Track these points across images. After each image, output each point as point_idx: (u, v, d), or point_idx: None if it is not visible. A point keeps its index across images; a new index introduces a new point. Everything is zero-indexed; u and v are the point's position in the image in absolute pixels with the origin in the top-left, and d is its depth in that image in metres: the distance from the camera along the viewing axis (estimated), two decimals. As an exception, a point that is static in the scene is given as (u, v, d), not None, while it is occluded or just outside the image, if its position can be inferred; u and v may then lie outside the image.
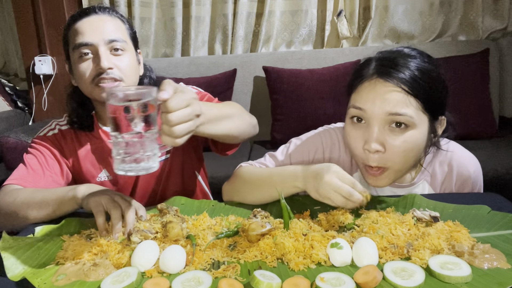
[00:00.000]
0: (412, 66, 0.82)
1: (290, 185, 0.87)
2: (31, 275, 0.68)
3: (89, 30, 1.03)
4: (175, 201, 0.98)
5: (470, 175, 0.96)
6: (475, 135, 2.19)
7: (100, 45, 1.03)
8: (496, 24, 2.49)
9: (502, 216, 0.82)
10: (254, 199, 0.94)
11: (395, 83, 0.81)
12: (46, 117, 2.60)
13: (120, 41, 1.05)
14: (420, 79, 0.82)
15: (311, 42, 2.66)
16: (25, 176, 1.06)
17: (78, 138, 1.15)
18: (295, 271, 0.68)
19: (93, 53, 1.04)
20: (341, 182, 0.78)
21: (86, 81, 1.04)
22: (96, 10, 1.06)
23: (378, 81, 0.82)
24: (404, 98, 0.81)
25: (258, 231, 0.73)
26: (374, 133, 0.82)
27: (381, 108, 0.81)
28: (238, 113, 0.99)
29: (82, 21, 1.04)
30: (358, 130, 0.86)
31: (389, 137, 0.82)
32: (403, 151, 0.82)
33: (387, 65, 0.83)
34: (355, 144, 0.87)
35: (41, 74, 2.54)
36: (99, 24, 1.04)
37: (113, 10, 1.10)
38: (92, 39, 1.03)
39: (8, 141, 2.01)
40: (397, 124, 0.81)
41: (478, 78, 2.26)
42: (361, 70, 0.87)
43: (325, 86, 2.27)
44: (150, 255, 0.70)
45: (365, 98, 0.83)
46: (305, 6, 2.57)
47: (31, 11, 2.50)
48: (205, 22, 2.63)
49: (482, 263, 0.65)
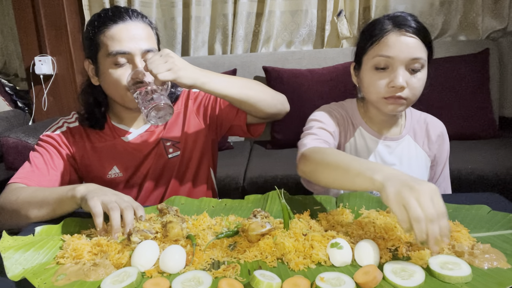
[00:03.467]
0: (416, 21, 1.00)
1: (366, 177, 0.75)
2: (31, 275, 0.68)
3: (127, 39, 1.02)
4: (175, 201, 0.98)
5: (442, 129, 1.17)
6: (475, 135, 2.19)
7: (137, 55, 1.03)
8: (496, 24, 2.49)
9: (502, 216, 0.82)
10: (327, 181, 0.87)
11: (413, 32, 0.97)
12: (46, 117, 2.60)
13: (153, 51, 1.06)
14: (425, 31, 1.00)
15: (311, 42, 2.66)
16: (30, 174, 1.06)
17: (87, 135, 1.15)
18: (295, 271, 0.68)
19: (129, 61, 1.04)
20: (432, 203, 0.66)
21: (120, 89, 1.05)
22: (131, 16, 1.05)
23: (401, 32, 0.98)
24: (420, 45, 0.98)
25: (258, 231, 0.73)
26: (400, 74, 0.97)
27: (406, 54, 0.96)
28: (256, 84, 1.12)
29: (118, 27, 1.03)
30: (382, 74, 1.00)
31: (410, 77, 0.98)
32: (419, 86, 1.00)
33: (401, 21, 0.99)
34: (379, 84, 1.00)
35: (41, 74, 2.54)
36: (136, 33, 1.04)
37: (144, 17, 1.09)
38: (129, 48, 1.02)
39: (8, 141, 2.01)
40: (415, 68, 0.98)
41: (478, 78, 2.26)
42: (375, 29, 1.02)
43: (325, 86, 2.27)
44: (150, 255, 0.70)
45: (392, 46, 0.97)
46: (305, 6, 2.57)
47: (31, 11, 2.50)
48: (205, 22, 2.63)
49: (482, 263, 0.65)
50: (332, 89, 2.26)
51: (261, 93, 1.10)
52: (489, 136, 2.22)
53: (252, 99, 1.07)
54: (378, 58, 0.99)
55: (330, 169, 0.85)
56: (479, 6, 2.46)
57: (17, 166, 1.11)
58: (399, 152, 1.12)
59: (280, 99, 1.16)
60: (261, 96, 1.09)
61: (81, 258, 0.73)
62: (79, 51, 2.62)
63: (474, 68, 2.26)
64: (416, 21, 0.99)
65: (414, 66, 0.97)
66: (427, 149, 1.15)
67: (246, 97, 1.06)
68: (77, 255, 0.73)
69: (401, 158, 1.12)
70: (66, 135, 1.14)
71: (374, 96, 1.03)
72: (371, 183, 0.72)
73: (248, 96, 1.06)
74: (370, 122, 1.12)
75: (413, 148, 1.13)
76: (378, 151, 1.11)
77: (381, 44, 0.99)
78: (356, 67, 1.09)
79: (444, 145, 1.17)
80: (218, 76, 1.04)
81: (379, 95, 1.01)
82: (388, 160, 1.11)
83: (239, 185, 1.90)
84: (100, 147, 1.15)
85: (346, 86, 2.32)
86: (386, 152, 1.11)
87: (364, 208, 0.89)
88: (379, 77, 1.00)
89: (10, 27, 2.92)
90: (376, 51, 1.00)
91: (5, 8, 2.91)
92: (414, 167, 1.13)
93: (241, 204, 0.96)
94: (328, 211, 0.89)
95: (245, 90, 1.06)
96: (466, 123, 2.17)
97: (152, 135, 1.17)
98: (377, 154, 1.11)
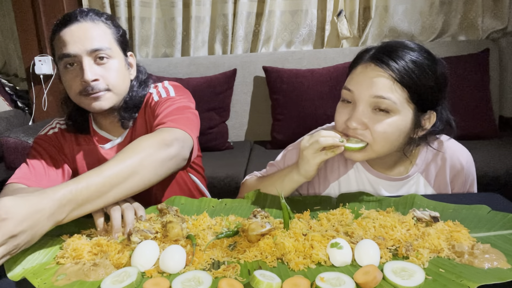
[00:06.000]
0: (407, 57, 0.86)
1: (289, 178, 0.96)
2: (31, 275, 0.68)
3: (72, 41, 1.00)
4: (175, 201, 0.98)
5: (462, 166, 1.01)
6: (475, 135, 2.19)
7: (84, 56, 1.00)
8: (496, 24, 2.49)
9: (502, 216, 0.82)
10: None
11: (385, 69, 0.85)
12: (46, 117, 2.60)
13: (104, 49, 1.02)
14: (411, 71, 0.85)
15: (311, 42, 2.66)
16: (28, 175, 1.06)
17: (76, 139, 1.16)
18: (295, 271, 0.68)
19: (78, 63, 1.01)
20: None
21: (73, 94, 1.04)
22: (78, 18, 1.02)
23: (370, 66, 0.88)
24: (390, 84, 0.85)
25: (258, 231, 0.73)
26: (357, 112, 0.88)
27: (367, 91, 0.87)
28: (128, 170, 0.80)
29: (65, 30, 1.01)
30: (345, 108, 0.92)
31: (371, 119, 0.87)
32: (383, 132, 0.87)
33: (384, 53, 0.87)
34: (339, 118, 0.93)
35: (41, 74, 2.54)
36: (81, 34, 1.01)
37: (96, 14, 1.05)
38: (74, 50, 1.00)
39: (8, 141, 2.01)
40: (380, 108, 0.86)
41: (478, 78, 2.26)
42: (360, 56, 0.93)
43: (325, 86, 2.27)
44: (150, 255, 0.70)
45: (355, 80, 0.89)
46: (305, 6, 2.57)
47: (31, 11, 2.50)
48: (205, 22, 2.63)
49: (482, 263, 0.65)
50: (332, 89, 2.26)
51: (138, 181, 0.83)
52: (489, 136, 2.22)
53: (136, 189, 0.84)
54: (343, 90, 0.92)
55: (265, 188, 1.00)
56: (479, 6, 2.46)
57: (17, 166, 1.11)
58: (404, 192, 1.01)
59: (163, 157, 0.87)
60: (142, 182, 0.84)
61: (81, 258, 0.73)
62: (79, 51, 2.62)
63: (474, 68, 2.26)
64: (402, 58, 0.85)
65: (380, 106, 0.85)
66: (439, 190, 1.02)
67: (126, 193, 0.82)
68: (77, 255, 0.73)
69: None
70: (58, 135, 1.15)
71: (336, 125, 0.95)
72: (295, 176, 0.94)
73: (127, 191, 0.82)
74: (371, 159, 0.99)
75: (422, 187, 1.01)
76: (378, 190, 1.02)
77: (350, 75, 0.92)
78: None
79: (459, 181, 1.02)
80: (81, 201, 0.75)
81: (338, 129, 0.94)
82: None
83: (239, 185, 1.89)
84: (86, 151, 1.15)
85: (346, 86, 2.33)
86: (388, 191, 1.01)
87: (364, 208, 0.89)
88: (342, 108, 0.93)
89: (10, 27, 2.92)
90: (346, 82, 0.92)
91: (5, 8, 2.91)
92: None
93: (241, 204, 0.96)
94: (328, 211, 0.89)
95: (120, 190, 0.80)
96: (466, 123, 2.17)
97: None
98: (378, 193, 1.02)
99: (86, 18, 1.03)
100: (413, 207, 0.86)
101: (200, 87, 2.35)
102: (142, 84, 1.16)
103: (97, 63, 1.02)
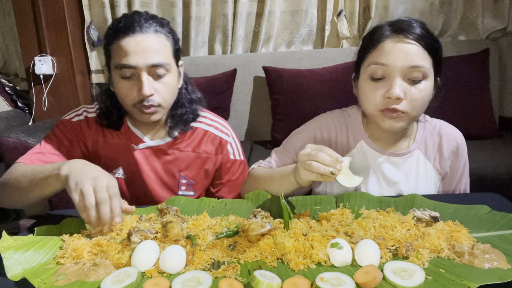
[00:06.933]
0: (422, 28, 0.92)
1: (286, 180, 0.92)
2: (31, 275, 0.68)
3: (134, 52, 0.98)
4: (175, 201, 0.98)
5: (458, 142, 1.07)
6: (475, 135, 2.19)
7: (143, 70, 0.99)
8: (496, 24, 2.49)
9: (502, 216, 0.82)
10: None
11: (413, 39, 0.89)
12: (46, 117, 2.60)
13: (164, 65, 1.01)
14: (431, 38, 0.92)
15: (311, 42, 2.66)
16: (36, 157, 1.05)
17: (103, 129, 1.14)
18: (295, 271, 0.68)
19: (135, 74, 1.00)
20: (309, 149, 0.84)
21: (127, 104, 1.04)
22: (142, 27, 0.99)
23: (398, 38, 0.90)
24: (421, 53, 0.90)
25: (258, 231, 0.73)
26: (396, 83, 0.89)
27: (402, 62, 0.89)
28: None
29: (127, 40, 0.98)
30: (379, 85, 0.92)
31: (408, 88, 0.90)
32: (420, 99, 0.91)
33: (402, 26, 0.91)
34: (374, 95, 0.93)
35: (41, 74, 2.53)
36: (144, 46, 0.98)
37: (159, 24, 1.03)
38: (135, 62, 0.98)
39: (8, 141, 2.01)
40: (415, 76, 0.90)
41: (478, 78, 2.26)
42: (374, 34, 0.95)
43: (325, 86, 2.27)
44: (150, 255, 0.70)
45: (388, 53, 0.90)
46: (305, 6, 2.57)
47: (31, 11, 2.50)
48: (205, 22, 2.63)
49: (482, 263, 0.65)
50: (332, 89, 2.26)
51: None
52: (489, 136, 2.22)
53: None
54: (373, 66, 0.92)
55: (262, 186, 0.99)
56: (479, 6, 2.46)
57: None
58: (405, 169, 1.04)
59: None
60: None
61: (81, 258, 0.73)
62: (79, 51, 2.62)
63: (474, 68, 2.26)
64: (421, 27, 0.91)
65: (414, 75, 0.89)
66: (437, 166, 1.06)
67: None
68: (77, 255, 0.73)
69: (407, 175, 1.04)
70: (83, 123, 1.14)
71: (370, 109, 0.96)
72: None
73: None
74: (373, 135, 1.04)
75: (422, 164, 1.05)
76: (380, 168, 1.04)
77: (377, 51, 0.92)
78: (355, 77, 1.02)
79: (458, 161, 1.08)
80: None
81: (375, 107, 0.94)
82: (392, 177, 1.04)
83: (239, 185, 1.89)
84: (112, 144, 1.14)
85: (346, 86, 2.32)
86: (390, 169, 1.04)
87: (364, 208, 0.89)
88: (374, 87, 0.93)
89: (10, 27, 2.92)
90: (372, 58, 0.93)
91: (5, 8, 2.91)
92: (421, 185, 1.05)
93: (241, 204, 0.96)
94: (328, 211, 0.89)
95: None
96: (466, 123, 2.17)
97: (162, 153, 1.15)
98: (379, 171, 1.04)
99: (149, 29, 1.00)
100: (413, 207, 0.86)
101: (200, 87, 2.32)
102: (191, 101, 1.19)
103: (155, 78, 1.02)
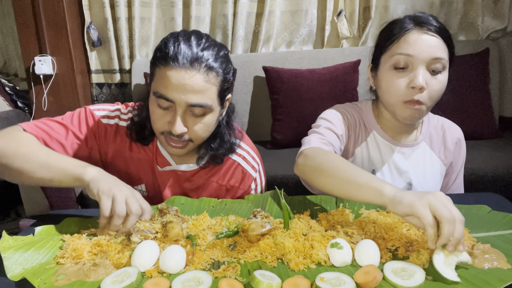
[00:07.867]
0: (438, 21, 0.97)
1: (374, 188, 0.74)
2: (31, 275, 0.68)
3: (175, 87, 0.89)
4: (175, 201, 0.98)
5: (459, 136, 1.13)
6: (475, 135, 2.19)
7: (181, 106, 0.91)
8: (496, 24, 2.49)
9: (502, 216, 0.82)
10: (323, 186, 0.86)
11: (435, 31, 0.94)
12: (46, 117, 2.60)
13: (204, 107, 0.92)
14: (447, 32, 0.97)
15: (311, 42, 2.66)
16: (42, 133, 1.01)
17: (131, 142, 1.08)
18: (295, 271, 0.68)
19: (172, 107, 0.93)
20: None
21: (156, 129, 0.98)
22: (193, 64, 0.90)
23: (422, 31, 0.95)
24: (442, 45, 0.94)
25: (258, 231, 0.73)
26: (420, 74, 0.93)
27: (426, 54, 0.93)
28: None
29: (172, 72, 0.89)
30: (402, 74, 0.96)
31: (430, 78, 0.94)
32: (438, 90, 0.96)
33: (423, 20, 0.96)
34: (399, 85, 0.96)
35: (41, 74, 2.53)
36: (188, 84, 0.89)
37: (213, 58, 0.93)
38: (174, 97, 0.90)
39: (8, 141, 2.00)
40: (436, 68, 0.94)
41: (478, 78, 2.26)
42: (395, 27, 0.99)
43: (325, 86, 2.27)
44: (150, 255, 0.70)
45: (413, 44, 0.94)
46: (305, 6, 2.57)
47: (31, 11, 2.50)
48: (205, 22, 2.63)
49: (482, 263, 0.65)
50: (332, 89, 2.26)
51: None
52: (489, 136, 2.22)
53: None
54: (397, 56, 0.95)
55: (328, 175, 0.84)
56: (479, 6, 2.46)
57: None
58: (414, 159, 1.08)
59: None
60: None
61: (81, 258, 0.73)
62: (79, 51, 2.62)
63: (474, 68, 2.26)
64: (437, 21, 0.96)
65: (435, 66, 0.93)
66: (443, 157, 1.11)
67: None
68: (77, 255, 0.73)
69: (415, 166, 1.08)
70: (109, 130, 1.07)
71: (393, 99, 0.98)
72: (379, 194, 0.72)
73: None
74: (385, 126, 1.08)
75: (429, 155, 1.10)
76: (392, 157, 1.08)
77: (402, 42, 0.95)
78: (373, 68, 1.05)
79: (461, 153, 1.13)
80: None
81: (398, 97, 0.96)
82: (402, 167, 1.07)
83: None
84: (136, 159, 1.09)
85: (346, 86, 2.33)
86: (400, 159, 1.08)
87: (364, 208, 0.89)
88: (398, 77, 0.96)
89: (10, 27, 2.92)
90: (396, 49, 0.96)
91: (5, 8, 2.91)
92: (428, 176, 1.09)
93: (241, 204, 0.96)
94: (328, 211, 0.89)
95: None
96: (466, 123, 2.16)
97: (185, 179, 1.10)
98: (391, 161, 1.07)
99: (200, 66, 0.90)
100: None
101: (200, 87, 2.35)
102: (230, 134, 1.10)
103: (192, 114, 0.94)
